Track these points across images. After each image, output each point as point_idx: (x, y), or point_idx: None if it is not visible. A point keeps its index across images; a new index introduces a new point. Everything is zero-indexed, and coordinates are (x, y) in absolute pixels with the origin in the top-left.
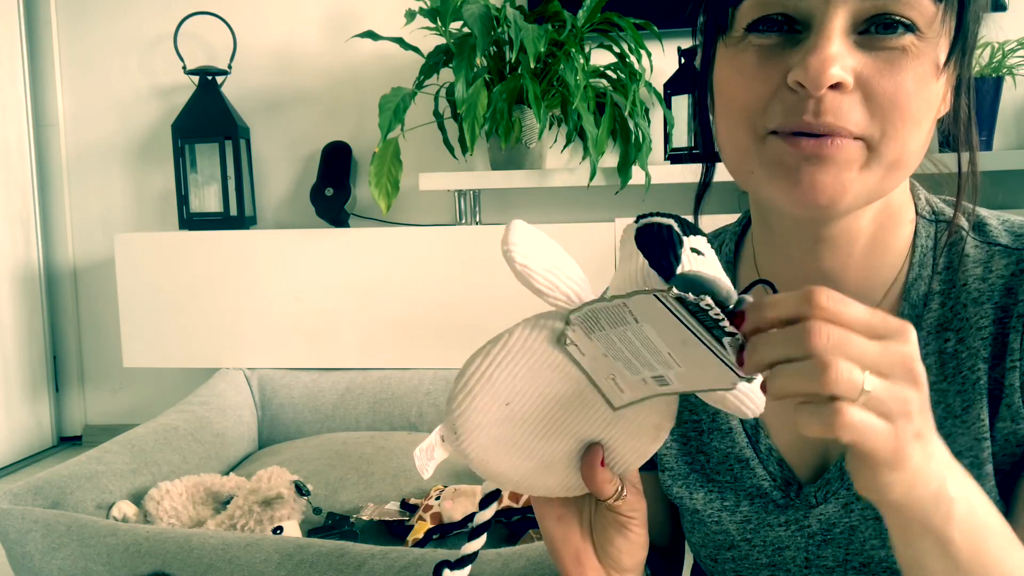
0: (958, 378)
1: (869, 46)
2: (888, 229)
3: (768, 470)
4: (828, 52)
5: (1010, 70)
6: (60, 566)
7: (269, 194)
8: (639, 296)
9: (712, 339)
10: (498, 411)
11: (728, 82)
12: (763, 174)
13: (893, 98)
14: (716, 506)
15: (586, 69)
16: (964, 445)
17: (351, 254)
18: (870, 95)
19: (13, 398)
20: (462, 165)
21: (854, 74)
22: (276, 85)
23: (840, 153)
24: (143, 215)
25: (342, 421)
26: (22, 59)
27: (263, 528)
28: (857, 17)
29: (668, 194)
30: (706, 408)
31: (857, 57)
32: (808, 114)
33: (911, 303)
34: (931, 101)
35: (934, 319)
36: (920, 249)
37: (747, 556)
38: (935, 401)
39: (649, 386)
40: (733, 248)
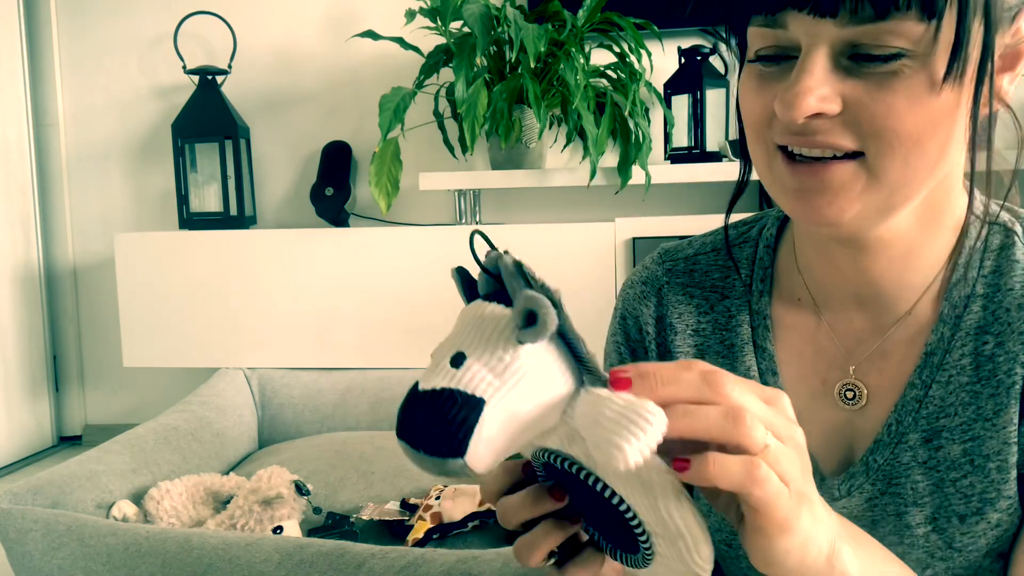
0: (993, 381)
1: (857, 71)
2: (930, 233)
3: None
4: (802, 86)
5: None
6: (60, 566)
7: (269, 194)
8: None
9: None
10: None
11: (742, 100)
12: (776, 191)
13: (883, 120)
14: None
15: (586, 69)
16: (992, 448)
17: (351, 254)
18: (857, 119)
19: (13, 398)
20: (462, 165)
21: (842, 97)
22: (276, 85)
23: (834, 178)
24: (143, 215)
25: (342, 421)
26: (22, 59)
27: (263, 528)
28: (843, 43)
29: (668, 194)
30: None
31: (845, 82)
32: (797, 134)
33: (952, 303)
34: (931, 120)
35: (974, 321)
36: (968, 251)
37: None
38: (967, 402)
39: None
40: (774, 232)
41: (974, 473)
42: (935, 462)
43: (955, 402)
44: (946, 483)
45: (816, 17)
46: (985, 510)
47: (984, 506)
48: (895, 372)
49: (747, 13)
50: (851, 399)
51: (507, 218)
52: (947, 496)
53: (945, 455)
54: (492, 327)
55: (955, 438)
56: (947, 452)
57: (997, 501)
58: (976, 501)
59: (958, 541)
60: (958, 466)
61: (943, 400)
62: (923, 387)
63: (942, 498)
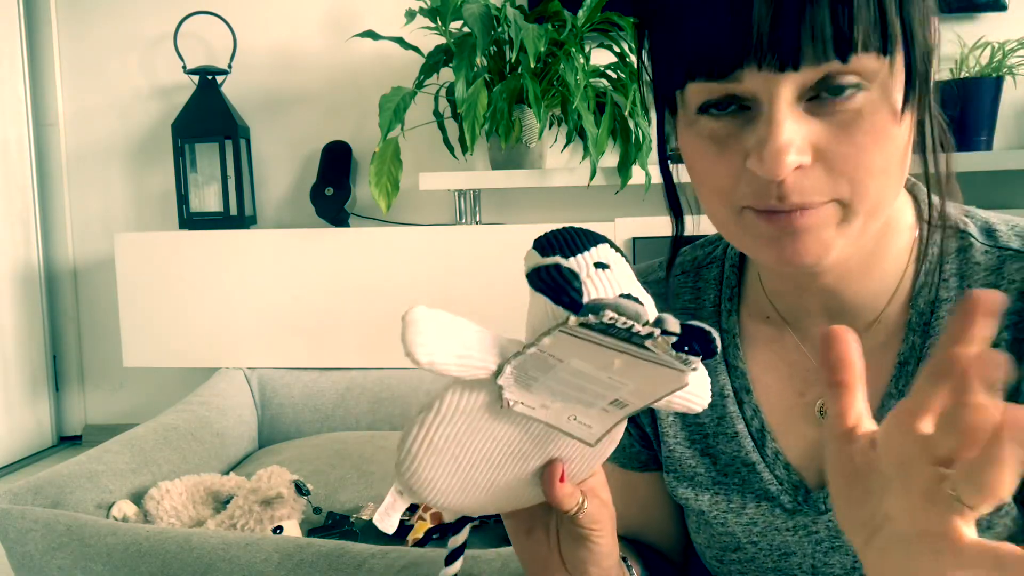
0: None
1: (821, 112)
2: (885, 239)
3: (775, 474)
4: (780, 141)
5: (1010, 70)
6: (60, 566)
7: (269, 194)
8: (546, 339)
9: (638, 349)
10: (447, 466)
11: (693, 163)
12: (748, 242)
13: (856, 161)
14: (722, 508)
15: (586, 69)
16: None
17: (351, 254)
18: (831, 164)
19: (13, 398)
20: (462, 165)
21: (811, 147)
22: (276, 85)
23: (812, 221)
24: (143, 215)
25: (342, 421)
26: (22, 59)
27: (263, 528)
28: (804, 87)
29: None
30: (711, 412)
31: (811, 126)
32: (773, 198)
33: (918, 310)
34: (896, 148)
35: (943, 326)
36: (928, 256)
37: (753, 559)
38: None
39: (611, 413)
40: (739, 252)
41: None
42: None
43: None
44: None
45: (775, 72)
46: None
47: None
48: (871, 382)
49: (689, 73)
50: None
51: (507, 218)
52: None
53: None
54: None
55: None
56: None
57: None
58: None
59: None
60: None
61: None
62: (899, 396)
63: None
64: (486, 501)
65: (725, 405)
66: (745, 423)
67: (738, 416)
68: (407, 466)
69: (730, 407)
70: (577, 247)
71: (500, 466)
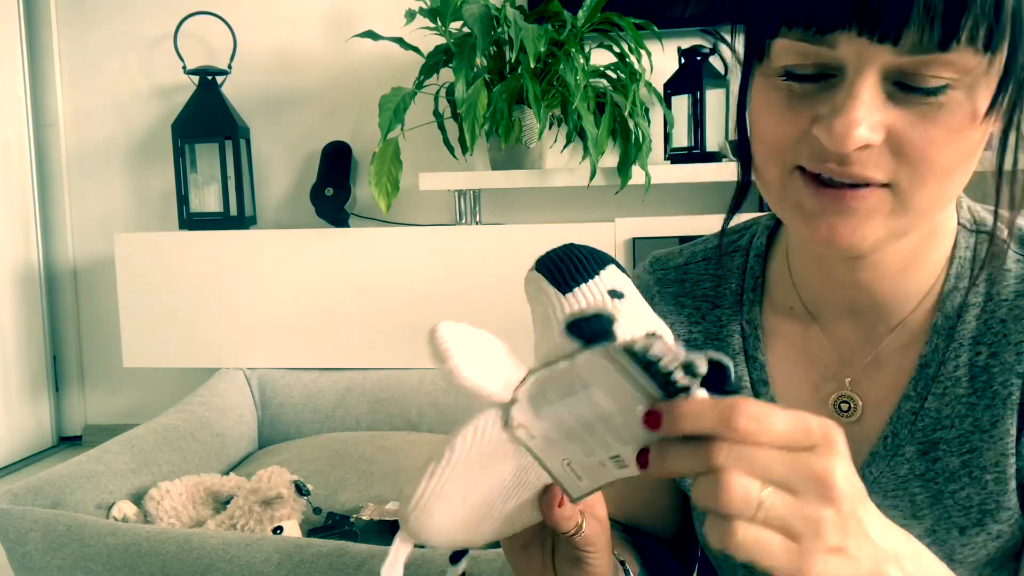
0: (988, 392)
1: (904, 99)
2: (929, 243)
3: None
4: (854, 115)
5: None
6: (60, 566)
7: (269, 194)
8: (585, 355)
9: (663, 398)
10: (455, 509)
11: (759, 115)
12: (787, 209)
13: (923, 152)
14: None
15: (586, 69)
16: (990, 460)
17: (351, 254)
18: (899, 148)
19: (13, 398)
20: (462, 165)
21: (884, 128)
22: (276, 85)
23: (862, 204)
24: (143, 215)
25: (342, 421)
26: (22, 59)
27: (263, 528)
28: (895, 69)
29: (668, 194)
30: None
31: (889, 111)
32: (832, 162)
33: (945, 314)
34: (967, 150)
35: (968, 331)
36: (958, 260)
37: None
38: (963, 414)
39: (607, 470)
40: (765, 242)
41: (972, 485)
42: (933, 474)
43: (951, 414)
44: (944, 495)
45: (873, 42)
46: (985, 521)
47: (984, 517)
48: (890, 382)
49: (786, 24)
50: (846, 411)
51: (507, 218)
52: (946, 508)
53: (943, 467)
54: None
55: (952, 450)
56: (945, 464)
57: (997, 512)
58: (976, 512)
59: (958, 553)
60: (956, 478)
61: (939, 412)
62: (918, 399)
63: (941, 510)
64: (488, 532)
65: (743, 388)
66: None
67: None
68: (416, 517)
69: (757, 388)
70: (586, 271)
71: (505, 498)
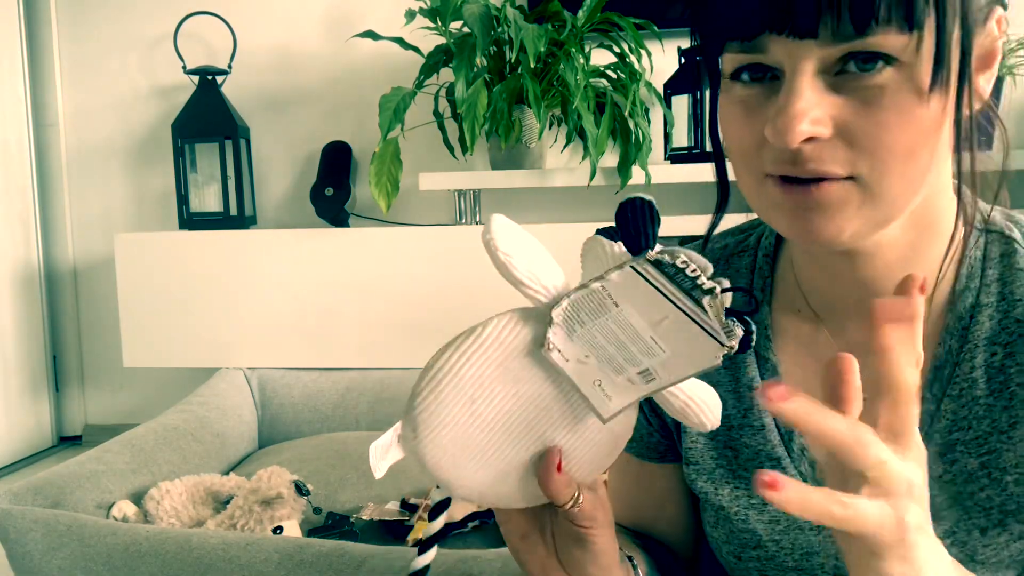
0: (1005, 393)
1: (845, 87)
2: (925, 238)
3: (799, 470)
4: (794, 109)
5: (1010, 70)
6: (60, 566)
7: (269, 194)
8: (616, 272)
9: (694, 305)
10: (462, 410)
11: (726, 127)
12: (767, 212)
13: (876, 138)
14: (743, 504)
15: (586, 69)
16: (1010, 461)
17: (351, 254)
18: (851, 139)
19: (13, 398)
20: (462, 165)
21: (832, 120)
22: (276, 85)
23: (828, 197)
24: (143, 215)
25: (342, 421)
26: (22, 59)
27: (263, 528)
28: (825, 62)
29: (668, 194)
30: (737, 404)
31: (833, 101)
32: (789, 163)
33: (956, 315)
34: (922, 130)
35: (982, 332)
36: (968, 260)
37: (774, 557)
38: (981, 415)
39: (636, 386)
40: (773, 242)
41: (991, 486)
42: (951, 476)
43: (968, 416)
44: (964, 496)
45: (796, 39)
46: (1007, 522)
47: (1006, 518)
48: None
49: (722, 39)
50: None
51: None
52: (966, 510)
53: (961, 468)
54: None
55: (971, 451)
56: (963, 465)
57: (1019, 513)
58: (997, 513)
59: (980, 554)
60: (975, 479)
61: (955, 414)
62: (934, 401)
63: (960, 512)
64: (479, 478)
65: (753, 397)
66: (773, 417)
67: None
68: (425, 395)
69: (758, 400)
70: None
71: (509, 435)
